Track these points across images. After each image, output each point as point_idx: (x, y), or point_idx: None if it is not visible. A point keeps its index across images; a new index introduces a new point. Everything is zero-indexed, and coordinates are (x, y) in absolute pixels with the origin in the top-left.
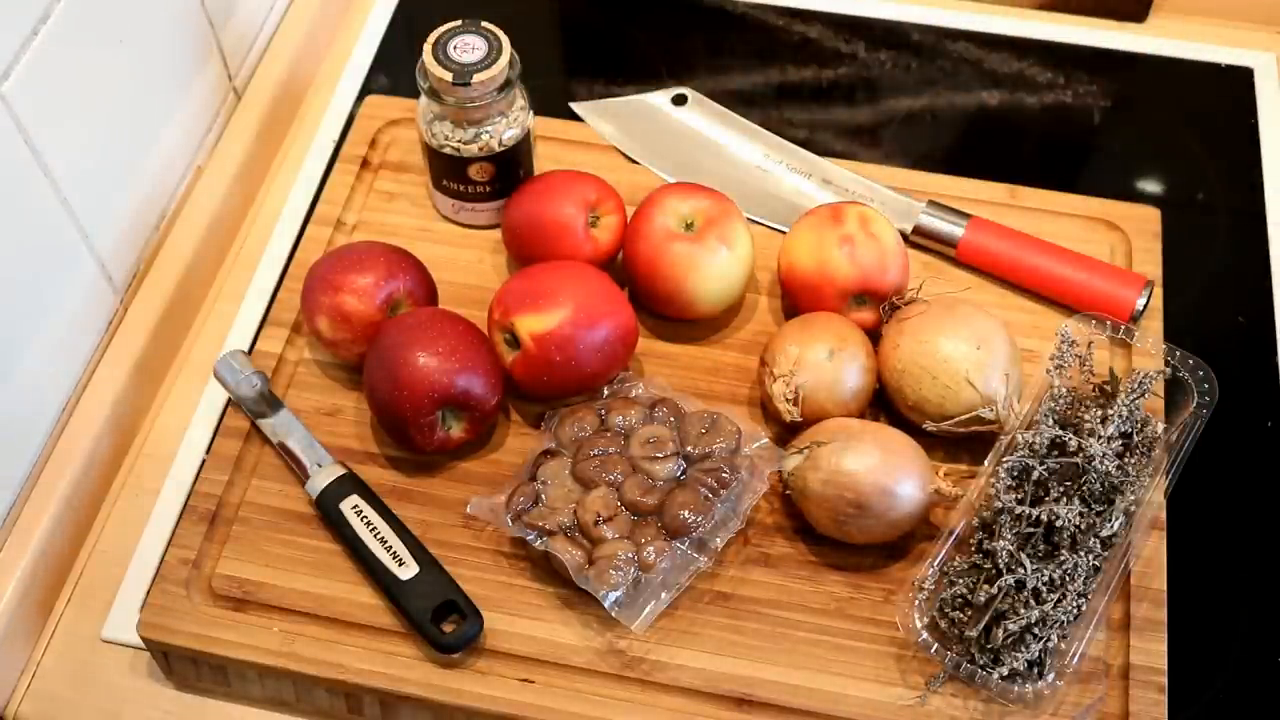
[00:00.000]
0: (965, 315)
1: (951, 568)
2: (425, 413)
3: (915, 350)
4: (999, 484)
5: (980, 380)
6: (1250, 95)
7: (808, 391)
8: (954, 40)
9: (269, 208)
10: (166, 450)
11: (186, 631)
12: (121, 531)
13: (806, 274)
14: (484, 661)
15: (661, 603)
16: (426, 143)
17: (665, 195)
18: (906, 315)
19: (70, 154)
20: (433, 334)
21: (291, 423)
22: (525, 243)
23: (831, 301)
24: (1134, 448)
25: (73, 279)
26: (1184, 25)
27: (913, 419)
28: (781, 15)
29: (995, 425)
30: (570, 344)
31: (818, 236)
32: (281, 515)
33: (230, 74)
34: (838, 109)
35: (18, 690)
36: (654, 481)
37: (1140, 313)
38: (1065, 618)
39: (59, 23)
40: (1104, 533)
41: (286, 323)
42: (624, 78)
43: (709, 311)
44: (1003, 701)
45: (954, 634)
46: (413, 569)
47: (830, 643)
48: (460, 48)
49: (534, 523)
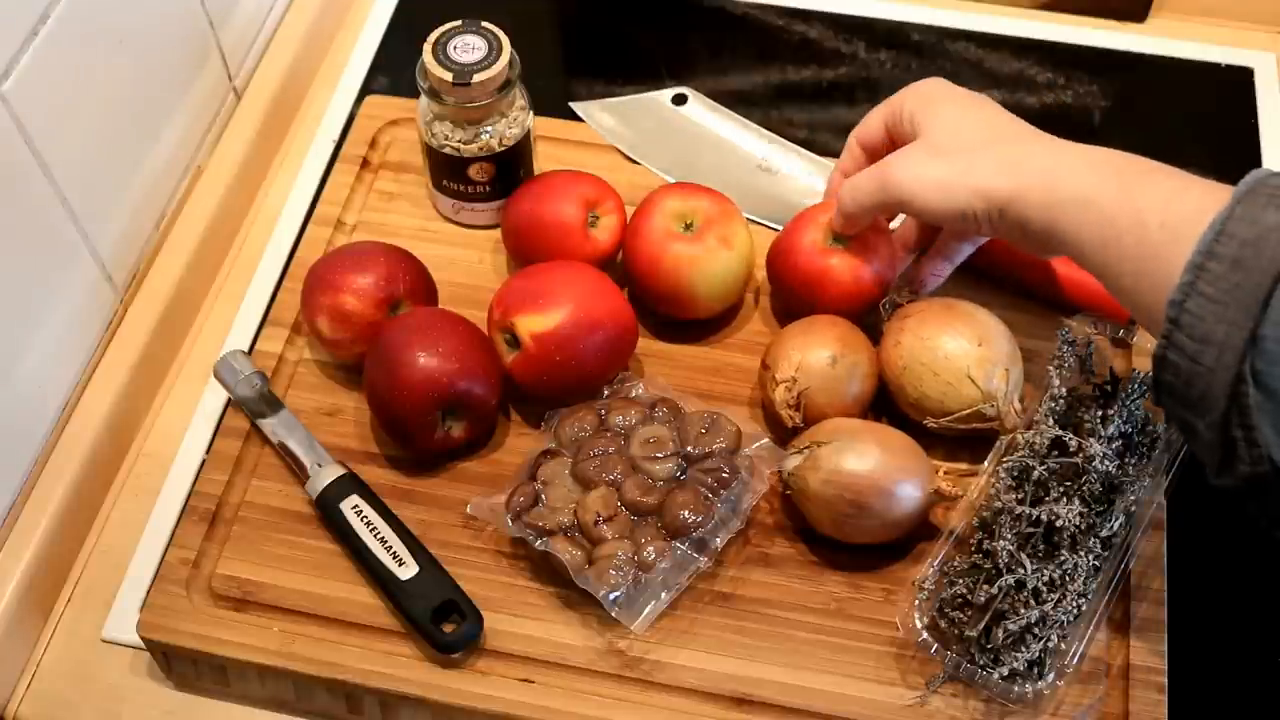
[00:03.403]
0: (967, 312)
1: (951, 568)
2: (425, 413)
3: (917, 347)
4: (999, 484)
5: (981, 377)
6: (1250, 95)
7: (809, 396)
8: (954, 40)
9: (269, 208)
10: (166, 450)
11: (186, 631)
12: (121, 531)
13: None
14: (484, 661)
15: (661, 603)
16: (426, 143)
17: (665, 195)
18: (908, 313)
19: (70, 154)
20: (433, 334)
21: (291, 423)
22: (525, 243)
23: (816, 262)
24: (1134, 448)
25: (73, 279)
26: (1184, 25)
27: (913, 416)
28: (781, 15)
29: (996, 422)
30: (570, 344)
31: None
32: (281, 515)
33: (230, 74)
34: (838, 109)
35: (18, 690)
36: (654, 481)
37: None
38: (1065, 618)
39: (59, 23)
40: (1104, 533)
41: (286, 323)
42: (624, 78)
43: (709, 311)
44: (1003, 701)
45: (954, 634)
46: (413, 569)
47: (830, 643)
48: (460, 48)
49: (534, 523)
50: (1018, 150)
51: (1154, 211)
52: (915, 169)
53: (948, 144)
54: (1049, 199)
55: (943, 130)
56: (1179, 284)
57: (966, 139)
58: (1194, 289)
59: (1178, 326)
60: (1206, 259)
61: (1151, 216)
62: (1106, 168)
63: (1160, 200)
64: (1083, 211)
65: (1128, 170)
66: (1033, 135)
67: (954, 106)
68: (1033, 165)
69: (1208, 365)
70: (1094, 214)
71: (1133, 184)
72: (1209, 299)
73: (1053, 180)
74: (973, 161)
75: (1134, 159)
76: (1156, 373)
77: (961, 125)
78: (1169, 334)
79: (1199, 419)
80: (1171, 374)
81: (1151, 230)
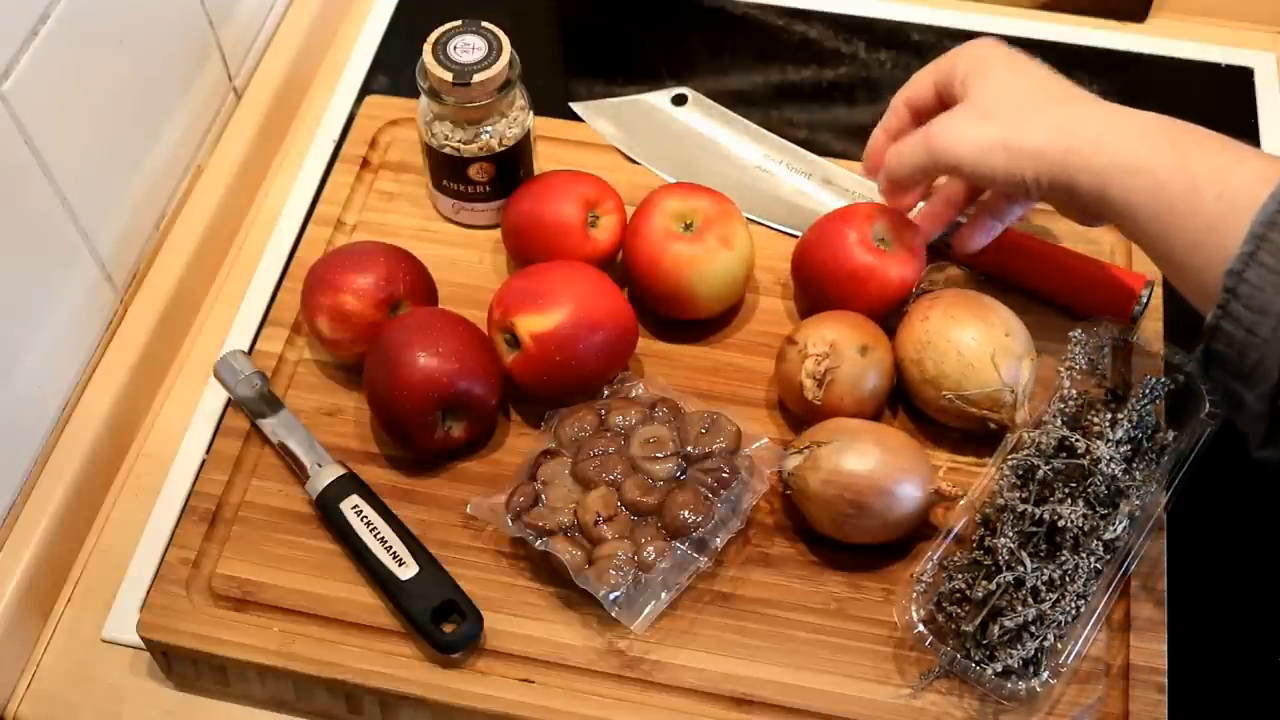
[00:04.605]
0: (994, 306)
1: (951, 563)
2: (425, 413)
3: (945, 323)
4: (1003, 481)
5: (1003, 365)
6: (1250, 95)
7: (834, 378)
8: (954, 40)
9: (269, 208)
10: (166, 450)
11: (186, 631)
12: (121, 531)
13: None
14: (484, 661)
15: (661, 603)
16: (426, 143)
17: (665, 195)
18: (939, 296)
19: (70, 154)
20: (433, 334)
21: (291, 423)
22: (525, 243)
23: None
24: (1143, 453)
25: (73, 279)
26: (1184, 25)
27: (924, 394)
28: (781, 15)
29: (1004, 415)
30: (570, 344)
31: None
32: (281, 515)
33: (230, 74)
34: (838, 109)
35: (18, 690)
36: (654, 481)
37: (1140, 313)
38: (1063, 618)
39: (59, 23)
40: (1107, 535)
41: (286, 323)
42: (624, 78)
43: (709, 311)
44: (997, 699)
45: (950, 629)
46: (413, 569)
47: (830, 643)
48: (460, 48)
49: (534, 523)
50: (1068, 112)
51: (1211, 181)
52: (962, 131)
53: (997, 106)
54: (1099, 164)
55: (992, 92)
56: (1238, 254)
57: (1016, 100)
58: (1254, 259)
59: (1235, 296)
60: (1269, 229)
61: (1208, 186)
62: (1159, 134)
63: (1217, 170)
64: (1134, 178)
65: (1182, 138)
66: (1084, 97)
67: (1006, 68)
68: (1083, 128)
69: (1263, 336)
70: (1146, 181)
71: (1188, 152)
72: (1270, 269)
73: (1103, 144)
74: (1021, 123)
75: (1187, 126)
76: (1207, 342)
77: (1012, 86)
78: (1225, 304)
79: (1249, 390)
80: (1224, 343)
81: (1208, 200)
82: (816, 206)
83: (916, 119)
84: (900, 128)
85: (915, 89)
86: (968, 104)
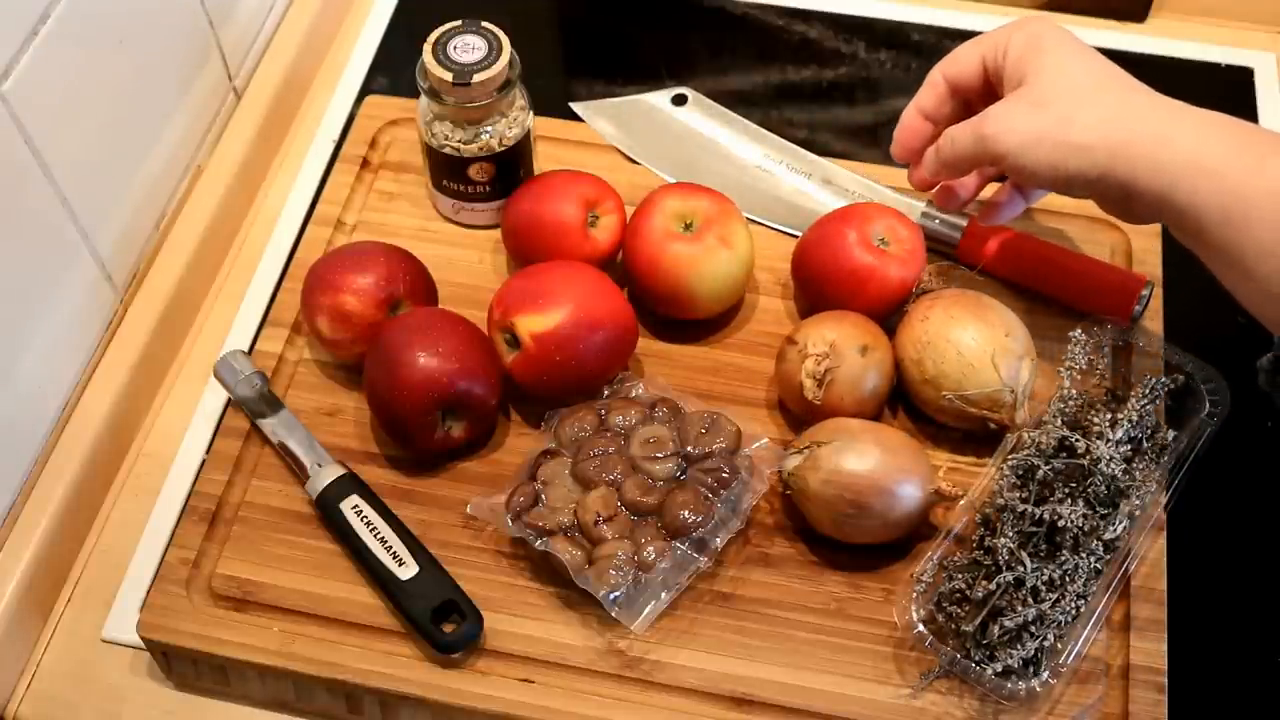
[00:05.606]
0: (995, 306)
1: (951, 562)
2: (425, 413)
3: (946, 323)
4: (1003, 481)
5: (1003, 366)
6: (1250, 95)
7: (834, 378)
8: (954, 40)
9: (269, 208)
10: (166, 450)
11: (186, 631)
12: (121, 531)
13: None
14: (484, 661)
15: (661, 603)
16: (426, 143)
17: (665, 195)
18: (940, 296)
19: (70, 154)
20: (433, 334)
21: (291, 423)
22: (525, 243)
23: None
24: (1143, 453)
25: (73, 279)
26: (1184, 25)
27: (924, 394)
28: (781, 15)
29: (1004, 414)
30: (570, 344)
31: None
32: (281, 515)
33: (230, 74)
34: (838, 109)
35: (18, 690)
36: (654, 481)
37: (1140, 313)
38: (1063, 618)
39: (59, 23)
40: (1107, 535)
41: (286, 323)
42: (624, 78)
43: (709, 311)
44: (998, 699)
45: (950, 628)
46: (413, 569)
47: (830, 642)
48: (460, 48)
49: (534, 523)
50: (1126, 104)
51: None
52: (1013, 122)
53: (1051, 94)
54: (1162, 162)
55: (1048, 79)
56: None
57: (1072, 88)
58: None
59: None
60: None
61: None
62: (1231, 137)
63: None
64: (1205, 180)
65: (1257, 142)
66: (1142, 89)
67: (1062, 53)
68: (1143, 124)
69: None
70: (1217, 184)
71: (1267, 157)
72: None
73: (1170, 141)
74: (1074, 113)
75: (1254, 128)
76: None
77: (1068, 71)
78: None
79: None
80: None
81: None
82: (816, 206)
83: (956, 95)
84: (938, 106)
85: (960, 64)
86: (1023, 90)
